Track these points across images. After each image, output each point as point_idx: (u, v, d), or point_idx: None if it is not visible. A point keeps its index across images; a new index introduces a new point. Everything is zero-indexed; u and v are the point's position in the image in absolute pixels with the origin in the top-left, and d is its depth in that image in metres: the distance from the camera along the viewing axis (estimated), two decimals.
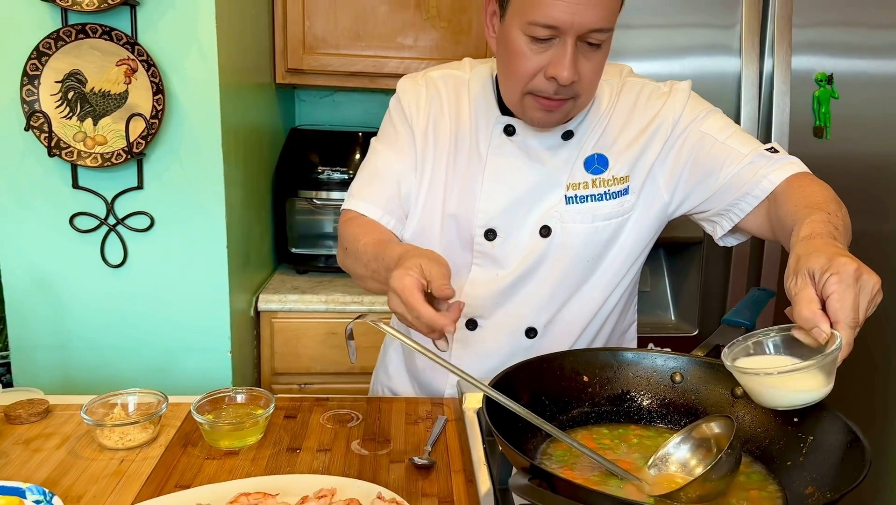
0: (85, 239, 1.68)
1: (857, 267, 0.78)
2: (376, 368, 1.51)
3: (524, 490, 0.61)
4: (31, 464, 1.02)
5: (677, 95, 1.20)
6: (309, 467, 1.02)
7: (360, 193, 1.25)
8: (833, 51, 1.81)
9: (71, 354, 1.73)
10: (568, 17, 1.00)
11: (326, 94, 2.66)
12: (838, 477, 0.73)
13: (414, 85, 1.26)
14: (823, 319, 0.76)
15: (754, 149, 1.15)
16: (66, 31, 1.56)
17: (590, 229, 1.18)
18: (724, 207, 1.17)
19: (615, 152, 1.19)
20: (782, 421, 0.85)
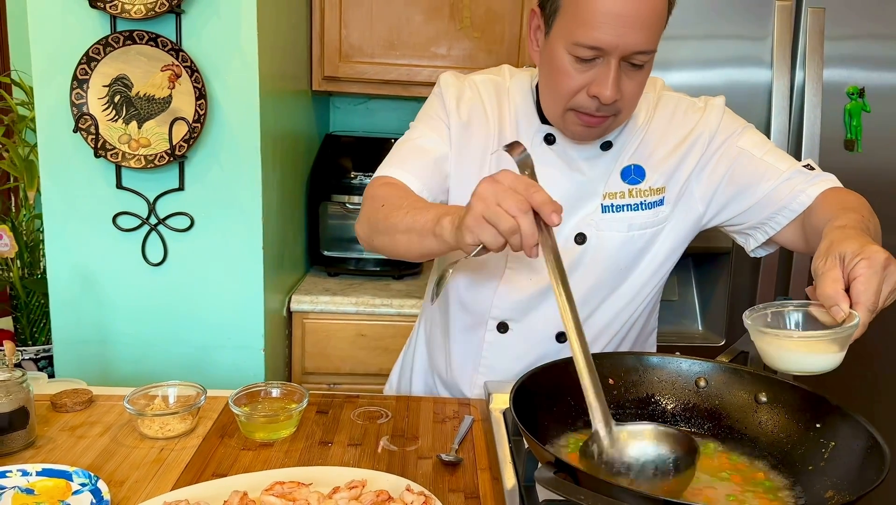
0: (127, 238, 1.75)
1: (888, 257, 0.82)
2: (397, 369, 1.54)
3: (549, 482, 0.64)
4: (77, 450, 1.07)
5: (712, 111, 1.23)
6: (340, 461, 1.05)
7: (400, 164, 1.21)
8: (865, 64, 1.81)
9: (110, 349, 1.79)
10: (613, 39, 1.02)
11: (360, 101, 2.71)
12: (857, 481, 0.74)
13: (457, 82, 1.27)
14: (845, 298, 0.81)
15: (791, 165, 1.19)
16: (114, 37, 1.62)
17: (625, 238, 1.21)
18: (761, 221, 1.20)
19: (652, 164, 1.22)
20: (804, 427, 0.86)
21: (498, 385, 1.21)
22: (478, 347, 1.30)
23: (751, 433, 0.91)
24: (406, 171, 1.19)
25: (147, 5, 1.60)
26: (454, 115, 1.25)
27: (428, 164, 1.21)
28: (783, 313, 0.88)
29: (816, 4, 1.76)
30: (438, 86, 1.29)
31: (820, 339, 0.81)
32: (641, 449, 0.80)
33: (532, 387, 0.88)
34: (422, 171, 1.20)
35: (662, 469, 0.78)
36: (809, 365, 0.82)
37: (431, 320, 1.42)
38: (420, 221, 1.03)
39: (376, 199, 1.16)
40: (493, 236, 0.86)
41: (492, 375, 1.29)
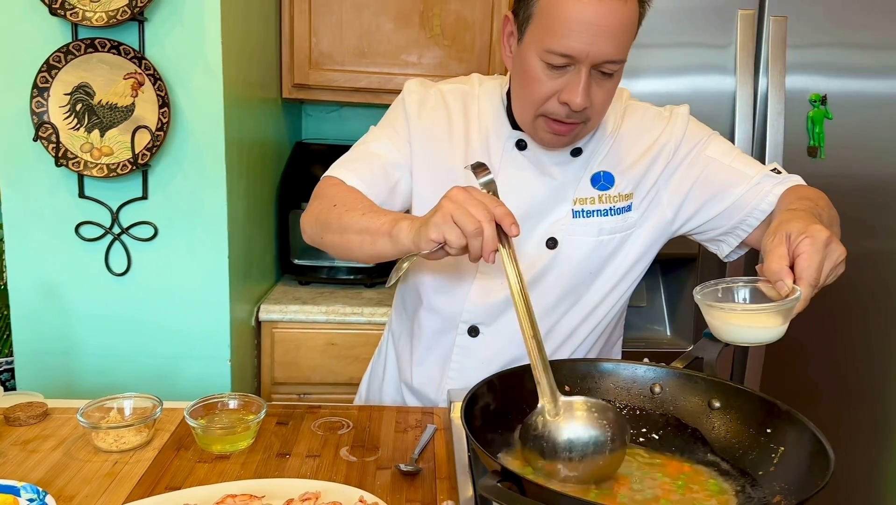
0: (90, 247, 1.72)
1: (829, 235, 0.88)
2: (366, 379, 1.54)
3: (491, 490, 0.63)
4: (28, 464, 1.04)
5: (678, 120, 1.26)
6: (297, 473, 1.04)
7: (350, 167, 1.24)
8: (827, 71, 1.83)
9: (74, 360, 1.77)
10: (584, 47, 1.04)
11: (333, 108, 2.71)
12: (804, 485, 0.75)
13: (421, 89, 1.28)
14: (789, 274, 0.87)
15: (760, 170, 1.22)
16: (75, 45, 1.61)
17: (595, 242, 1.23)
18: (733, 225, 1.23)
19: (620, 170, 1.23)
20: (756, 432, 0.87)
21: (461, 393, 1.20)
22: (448, 352, 1.30)
23: (704, 439, 0.92)
24: (353, 173, 1.22)
25: (109, 13, 1.58)
26: (414, 122, 1.25)
27: (376, 170, 1.23)
28: (733, 289, 0.93)
29: (778, 13, 1.78)
30: (402, 94, 1.30)
31: (763, 311, 0.86)
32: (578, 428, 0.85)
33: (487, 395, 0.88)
34: (369, 175, 1.22)
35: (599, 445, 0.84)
36: (754, 336, 0.88)
37: (399, 327, 1.41)
38: (376, 223, 1.06)
39: (327, 198, 1.18)
40: (456, 236, 0.91)
41: (461, 380, 1.29)
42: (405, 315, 1.38)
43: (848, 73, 1.83)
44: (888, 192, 1.90)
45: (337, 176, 1.23)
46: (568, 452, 0.83)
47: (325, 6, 2.24)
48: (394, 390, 1.43)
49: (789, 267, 0.87)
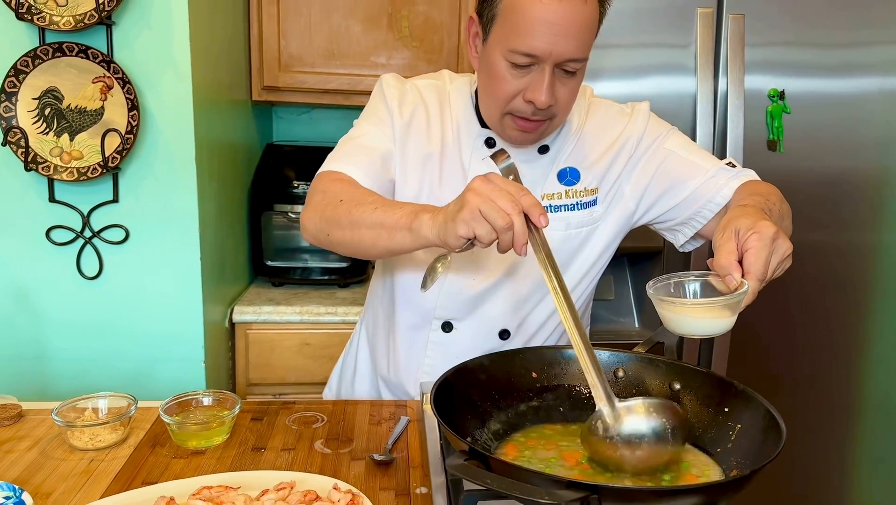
0: (61, 252, 1.72)
1: (776, 231, 0.91)
2: (336, 374, 1.55)
3: (458, 468, 0.66)
4: (3, 464, 1.05)
5: (639, 115, 1.30)
6: (272, 465, 1.06)
7: (349, 160, 1.20)
8: (784, 69, 1.89)
9: (47, 365, 1.76)
10: (547, 46, 1.07)
11: (304, 110, 2.72)
12: (758, 457, 0.78)
13: (399, 84, 1.29)
14: (737, 268, 0.89)
15: (715, 164, 1.26)
16: (43, 49, 1.61)
17: (563, 236, 1.26)
18: (688, 216, 1.27)
19: (586, 166, 1.27)
20: (714, 412, 0.90)
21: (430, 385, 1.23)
22: (422, 347, 1.32)
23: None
24: (355, 166, 1.19)
25: (76, 17, 1.59)
26: (396, 115, 1.26)
27: (375, 160, 1.21)
28: (684, 283, 0.95)
29: (736, 11, 1.84)
30: (380, 86, 1.30)
31: (712, 305, 0.89)
32: (639, 423, 0.84)
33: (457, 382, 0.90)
34: (370, 167, 1.20)
35: (662, 438, 0.83)
36: (704, 329, 0.90)
37: (374, 322, 1.43)
38: (392, 217, 1.03)
39: (330, 193, 1.14)
40: (487, 231, 0.89)
41: (435, 374, 1.30)
42: (380, 310, 1.40)
43: (804, 68, 1.89)
44: (845, 184, 1.96)
45: (337, 170, 1.19)
46: (631, 452, 0.83)
47: (293, 9, 2.26)
48: (368, 384, 1.45)
49: (738, 262, 0.90)
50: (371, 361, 1.45)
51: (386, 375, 1.39)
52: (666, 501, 0.67)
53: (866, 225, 2.01)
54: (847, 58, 1.91)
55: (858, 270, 2.04)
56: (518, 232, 0.88)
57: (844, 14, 1.90)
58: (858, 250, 2.02)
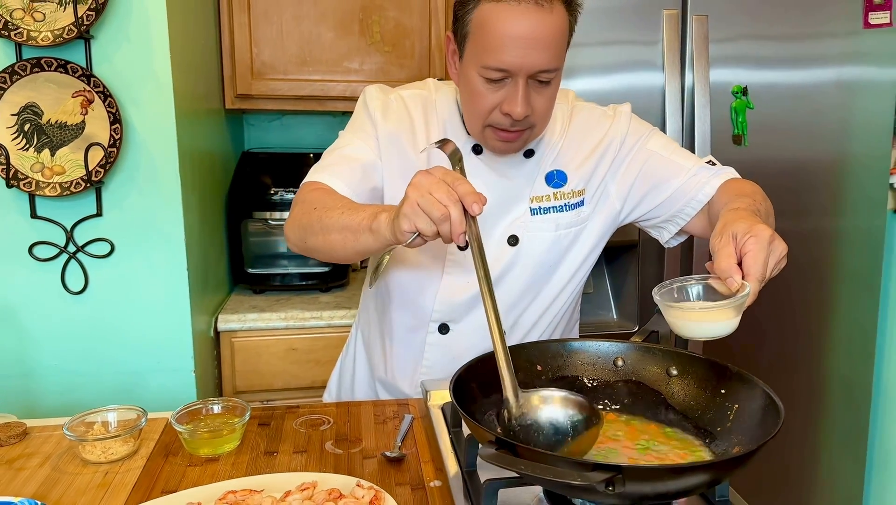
0: (45, 267, 1.71)
1: (772, 234, 0.95)
2: (335, 377, 1.58)
3: (493, 457, 0.70)
4: (17, 481, 1.06)
5: (621, 117, 1.35)
6: (287, 468, 1.09)
7: (330, 170, 1.24)
8: (747, 64, 1.97)
9: (35, 382, 1.75)
10: (518, 61, 1.11)
11: (275, 117, 2.73)
12: (758, 435, 0.84)
13: (382, 95, 1.32)
14: (738, 270, 0.93)
15: (696, 162, 1.32)
16: (21, 65, 1.60)
17: (553, 237, 1.30)
18: (672, 214, 1.32)
19: (572, 168, 1.32)
20: (711, 394, 0.96)
21: (434, 383, 1.28)
22: (419, 348, 1.36)
23: (665, 403, 1.01)
24: (335, 176, 1.22)
25: (54, 32, 1.58)
26: (381, 126, 1.29)
27: (356, 170, 1.25)
28: (686, 287, 0.99)
29: (700, 12, 1.92)
30: (363, 99, 1.33)
31: (717, 308, 0.92)
32: (546, 412, 0.90)
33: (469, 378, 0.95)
34: (350, 177, 1.23)
35: (563, 430, 0.89)
36: (710, 331, 0.94)
37: (369, 325, 1.46)
38: (356, 220, 1.07)
39: (307, 202, 1.18)
40: (426, 223, 0.93)
41: (432, 375, 1.35)
42: (375, 314, 1.43)
43: (765, 64, 1.98)
44: (806, 174, 2.06)
45: (318, 180, 1.23)
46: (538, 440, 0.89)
47: (264, 17, 2.27)
48: (366, 387, 1.48)
49: (737, 264, 0.94)
50: (368, 364, 1.49)
51: (383, 377, 1.42)
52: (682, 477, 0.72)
53: (826, 212, 2.11)
54: (803, 51, 2.00)
55: (820, 255, 2.14)
56: (454, 221, 0.91)
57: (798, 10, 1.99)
58: (820, 236, 2.12)
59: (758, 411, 0.88)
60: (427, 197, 0.92)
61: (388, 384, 1.42)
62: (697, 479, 0.74)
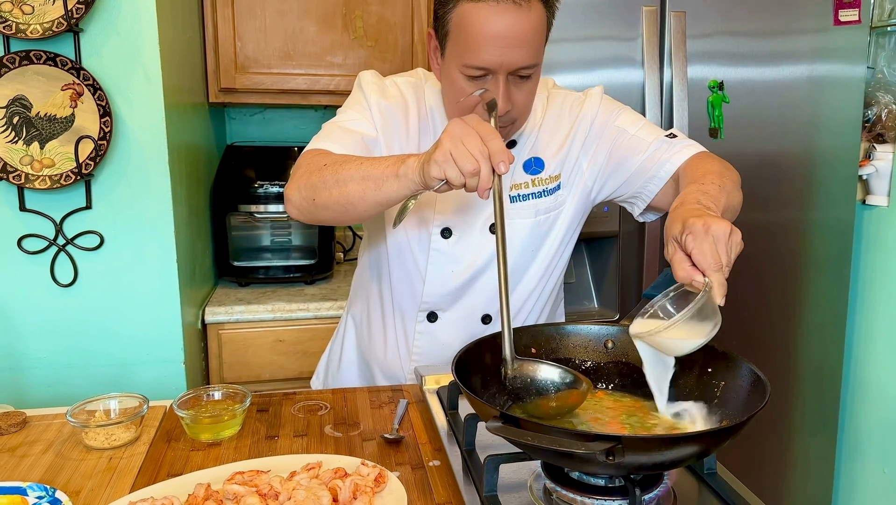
0: (34, 260, 1.72)
1: (704, 222, 0.90)
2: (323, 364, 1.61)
3: (499, 430, 0.74)
4: (22, 468, 1.07)
5: (592, 99, 1.37)
6: (289, 451, 1.12)
7: (332, 139, 1.24)
8: (723, 60, 2.03)
9: (24, 374, 1.75)
10: (497, 59, 1.14)
11: (256, 111, 2.74)
12: (746, 408, 0.89)
13: (378, 80, 1.34)
14: (695, 272, 0.89)
15: (656, 137, 1.30)
16: (9, 58, 1.60)
17: (533, 223, 1.34)
18: (637, 190, 1.33)
19: (548, 155, 1.35)
20: (698, 373, 1.01)
21: (427, 369, 1.32)
22: (410, 335, 1.40)
23: None
24: (338, 144, 1.22)
25: (44, 25, 1.59)
26: (376, 108, 1.30)
27: (357, 141, 1.25)
28: (664, 305, 0.96)
29: (678, 8, 1.97)
30: (359, 82, 1.35)
31: (687, 317, 0.88)
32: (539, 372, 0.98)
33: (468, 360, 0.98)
34: (352, 146, 1.23)
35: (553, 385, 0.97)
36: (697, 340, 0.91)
37: (361, 314, 1.50)
38: (379, 168, 1.07)
39: (314, 163, 1.17)
40: (457, 174, 0.95)
41: (424, 361, 1.39)
42: (370, 301, 1.47)
43: (740, 60, 2.04)
44: (780, 166, 2.13)
45: (321, 147, 1.23)
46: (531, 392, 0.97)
47: (248, 11, 2.28)
48: (356, 372, 1.51)
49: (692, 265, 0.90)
50: (358, 350, 1.52)
51: (382, 360, 1.46)
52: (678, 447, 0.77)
53: (798, 203, 2.18)
54: (777, 47, 2.07)
55: (792, 245, 2.21)
56: (483, 177, 0.94)
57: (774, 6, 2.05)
58: (792, 227, 2.20)
59: (744, 388, 0.93)
60: (460, 148, 0.94)
61: (385, 368, 1.46)
62: (692, 448, 0.79)
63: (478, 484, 0.92)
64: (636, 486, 0.82)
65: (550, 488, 0.90)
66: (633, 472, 0.82)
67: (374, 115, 1.30)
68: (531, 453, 0.86)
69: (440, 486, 1.01)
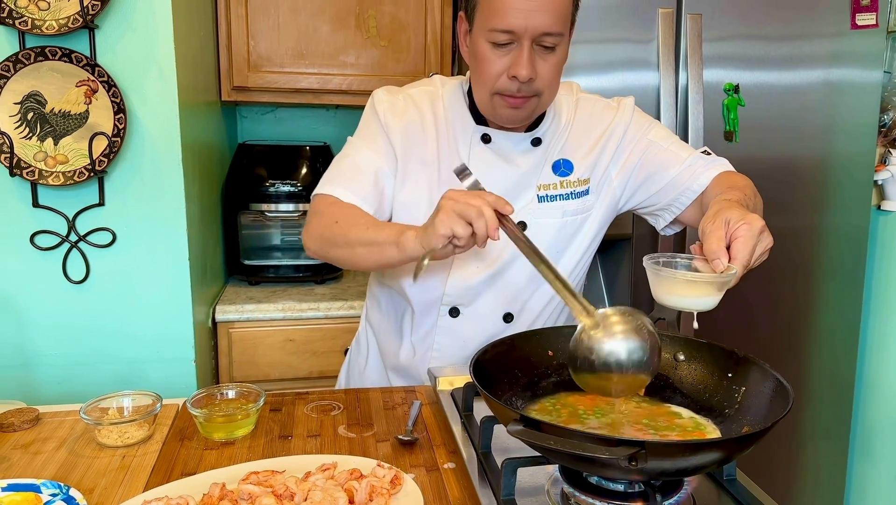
0: (46, 257, 1.71)
1: (763, 225, 1.00)
2: (345, 371, 1.61)
3: (521, 433, 0.73)
4: (35, 465, 1.07)
5: (625, 109, 1.40)
6: (302, 451, 1.11)
7: (340, 181, 1.31)
8: (739, 63, 2.02)
9: (34, 371, 1.75)
10: (522, 22, 1.17)
11: (268, 110, 2.74)
12: (768, 415, 0.88)
13: (391, 97, 1.37)
14: (725, 254, 0.97)
15: (691, 153, 1.37)
16: (24, 53, 1.60)
17: (560, 224, 1.35)
18: (668, 203, 1.37)
19: (578, 158, 1.37)
20: (719, 378, 1.00)
21: (442, 370, 1.31)
22: (431, 332, 1.39)
23: (674, 388, 1.05)
24: (347, 189, 1.30)
25: (59, 21, 1.58)
26: (391, 126, 1.34)
27: (367, 181, 1.31)
28: (672, 263, 1.03)
29: (694, 11, 1.96)
30: (372, 102, 1.38)
31: (703, 281, 0.97)
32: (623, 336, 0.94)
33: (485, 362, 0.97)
34: (361, 188, 1.30)
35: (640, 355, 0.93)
36: (691, 303, 0.98)
37: (378, 317, 1.49)
38: (382, 235, 1.16)
39: (326, 215, 1.27)
40: (463, 226, 1.01)
41: (444, 358, 1.39)
42: (385, 302, 1.46)
43: (756, 63, 2.03)
44: (795, 171, 2.12)
45: (331, 193, 1.30)
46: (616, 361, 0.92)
47: (261, 10, 2.28)
48: (377, 376, 1.51)
49: (726, 248, 0.98)
50: (379, 354, 1.52)
51: (395, 363, 1.45)
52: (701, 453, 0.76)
53: (813, 207, 2.16)
54: (793, 50, 2.05)
55: (806, 249, 2.19)
56: (488, 217, 1.00)
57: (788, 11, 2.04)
58: (806, 231, 2.18)
59: (765, 393, 0.92)
60: (461, 204, 1.01)
61: (400, 369, 1.45)
62: (715, 455, 0.78)
63: (494, 487, 0.91)
64: (657, 491, 0.80)
65: (568, 493, 0.89)
66: (654, 477, 0.81)
67: (390, 136, 1.34)
68: (550, 457, 0.85)
69: (455, 488, 1.00)
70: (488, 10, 1.19)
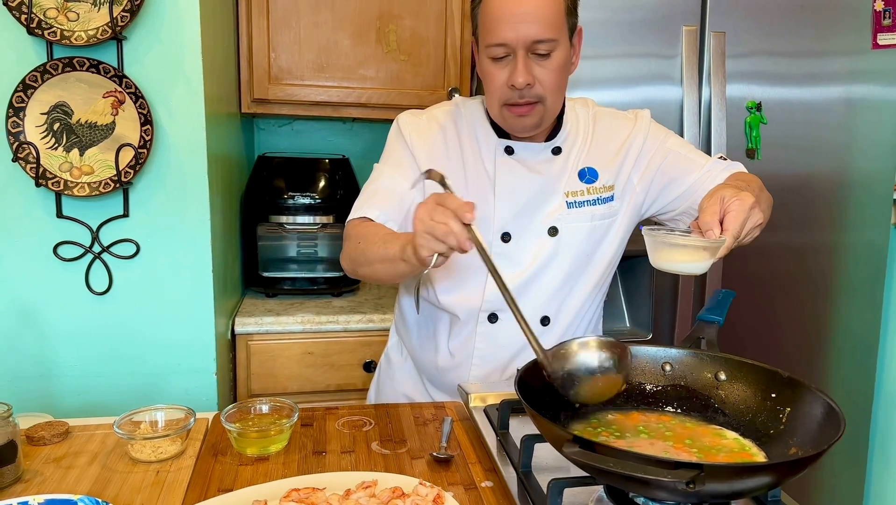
0: (69, 267, 1.71)
1: (755, 202, 1.10)
2: (377, 381, 1.61)
3: (578, 454, 0.73)
4: (69, 480, 1.06)
5: (643, 120, 1.47)
6: (337, 467, 1.10)
7: (366, 205, 1.39)
8: (761, 80, 2.03)
9: (54, 383, 1.74)
10: (512, 33, 1.24)
11: (285, 122, 2.74)
12: (817, 438, 0.87)
13: (415, 119, 1.44)
14: (717, 226, 1.08)
15: (709, 159, 1.44)
16: (52, 64, 1.60)
17: (589, 228, 1.40)
18: (688, 206, 1.42)
19: (601, 165, 1.42)
20: (762, 398, 0.99)
21: (471, 387, 1.30)
22: (471, 338, 1.41)
23: (716, 407, 1.04)
24: (374, 208, 1.37)
25: (88, 32, 1.59)
26: (416, 146, 1.40)
27: (393, 200, 1.38)
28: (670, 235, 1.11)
29: (718, 28, 1.97)
30: (396, 125, 1.44)
31: (694, 244, 1.07)
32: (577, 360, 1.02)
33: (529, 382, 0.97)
34: (387, 206, 1.37)
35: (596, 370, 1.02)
36: (684, 267, 1.08)
37: (410, 332, 1.50)
38: (391, 252, 1.21)
39: (352, 238, 1.35)
40: (437, 244, 1.05)
41: (485, 364, 1.42)
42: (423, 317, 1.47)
43: (779, 81, 2.03)
44: (815, 187, 2.12)
45: (360, 215, 1.37)
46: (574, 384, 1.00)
47: (283, 23, 2.28)
48: (412, 387, 1.52)
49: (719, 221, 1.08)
50: (414, 369, 1.52)
51: (433, 371, 1.46)
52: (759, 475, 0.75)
53: (832, 225, 2.16)
54: (815, 68, 2.06)
55: (825, 267, 2.19)
56: (457, 232, 1.03)
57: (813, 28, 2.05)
58: (825, 249, 2.18)
59: (813, 415, 0.91)
60: (429, 223, 1.05)
61: (438, 381, 1.46)
62: (770, 478, 0.77)
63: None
64: None
65: None
66: (706, 499, 0.80)
67: (416, 156, 1.40)
68: (601, 478, 0.84)
69: None
70: (485, 28, 1.28)
